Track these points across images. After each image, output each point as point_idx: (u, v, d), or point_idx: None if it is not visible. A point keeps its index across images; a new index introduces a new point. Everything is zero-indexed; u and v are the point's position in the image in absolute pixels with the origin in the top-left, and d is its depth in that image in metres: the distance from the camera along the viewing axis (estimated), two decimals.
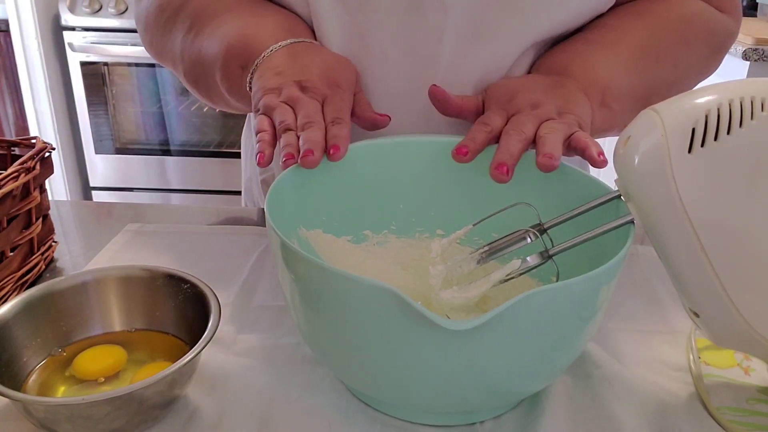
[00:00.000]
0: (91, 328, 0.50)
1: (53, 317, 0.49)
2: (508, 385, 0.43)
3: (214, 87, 0.63)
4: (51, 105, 2.24)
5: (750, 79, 0.40)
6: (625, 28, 0.64)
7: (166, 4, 0.66)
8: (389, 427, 0.46)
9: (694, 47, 0.66)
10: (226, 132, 2.36)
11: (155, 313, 0.51)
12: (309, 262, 0.40)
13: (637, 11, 0.66)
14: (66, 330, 0.49)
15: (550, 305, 0.38)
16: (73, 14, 2.11)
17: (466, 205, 0.56)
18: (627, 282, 0.63)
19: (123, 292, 0.51)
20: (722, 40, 0.68)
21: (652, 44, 0.64)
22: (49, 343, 0.48)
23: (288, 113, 0.51)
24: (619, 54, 0.62)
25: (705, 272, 0.39)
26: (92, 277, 0.51)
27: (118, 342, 0.50)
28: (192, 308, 0.49)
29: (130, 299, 0.51)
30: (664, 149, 0.39)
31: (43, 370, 0.47)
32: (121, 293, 0.51)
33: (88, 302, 0.50)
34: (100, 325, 0.51)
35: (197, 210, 0.79)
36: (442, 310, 0.48)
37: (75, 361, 0.47)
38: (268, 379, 0.49)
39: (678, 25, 0.65)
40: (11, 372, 0.45)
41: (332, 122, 0.50)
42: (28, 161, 0.58)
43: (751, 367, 0.50)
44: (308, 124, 0.49)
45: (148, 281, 0.51)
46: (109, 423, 0.41)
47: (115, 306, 0.51)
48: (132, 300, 0.51)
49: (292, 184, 0.51)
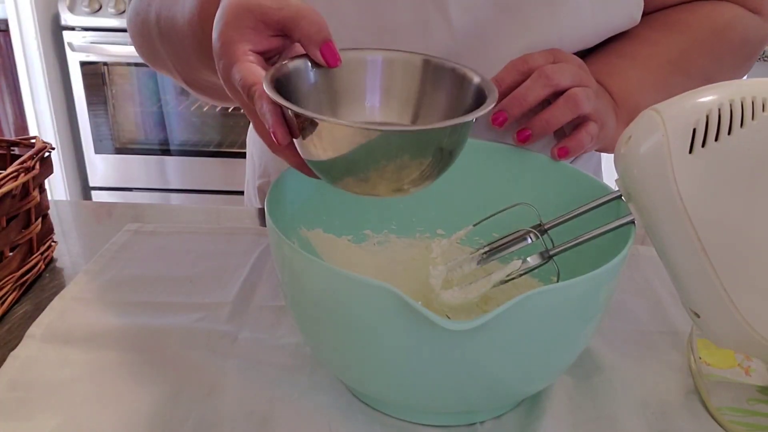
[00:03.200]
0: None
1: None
2: (509, 386, 0.43)
3: (194, 64, 0.59)
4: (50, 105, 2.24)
5: (750, 80, 0.40)
6: (659, 42, 0.63)
7: (140, 7, 0.66)
8: (389, 427, 0.46)
9: (726, 59, 0.65)
10: (226, 132, 2.36)
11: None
12: (309, 261, 0.40)
13: (670, 22, 0.64)
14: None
15: (551, 306, 0.38)
16: (73, 14, 2.11)
17: (467, 205, 0.56)
18: (628, 282, 0.63)
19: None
20: (755, 48, 0.67)
21: (684, 60, 0.63)
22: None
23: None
24: (652, 72, 0.61)
25: (706, 273, 0.39)
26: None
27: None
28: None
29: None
30: (665, 149, 0.39)
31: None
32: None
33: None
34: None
35: (197, 210, 0.79)
36: (443, 311, 0.48)
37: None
38: (268, 379, 0.49)
39: (711, 38, 0.64)
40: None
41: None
42: (28, 161, 0.58)
43: (751, 368, 0.50)
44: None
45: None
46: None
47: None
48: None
49: (293, 183, 0.51)
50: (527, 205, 0.49)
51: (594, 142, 0.54)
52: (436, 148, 0.40)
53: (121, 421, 0.45)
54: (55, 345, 0.52)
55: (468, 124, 0.41)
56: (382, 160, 0.39)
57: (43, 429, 0.44)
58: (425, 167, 0.40)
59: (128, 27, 0.70)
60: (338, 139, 0.39)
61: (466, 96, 0.45)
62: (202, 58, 0.55)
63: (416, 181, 0.42)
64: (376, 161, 0.39)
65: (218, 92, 0.65)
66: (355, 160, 0.39)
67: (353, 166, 0.40)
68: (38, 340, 0.53)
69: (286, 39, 0.44)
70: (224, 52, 0.43)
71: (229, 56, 0.43)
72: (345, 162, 0.40)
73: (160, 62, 0.67)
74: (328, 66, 0.44)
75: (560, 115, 0.52)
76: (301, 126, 0.40)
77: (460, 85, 0.46)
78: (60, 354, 0.51)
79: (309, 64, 0.44)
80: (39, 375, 0.49)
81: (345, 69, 0.45)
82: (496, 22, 0.59)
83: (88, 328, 0.54)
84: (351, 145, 0.39)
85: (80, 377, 0.49)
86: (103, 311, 0.57)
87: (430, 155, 0.40)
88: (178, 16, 0.56)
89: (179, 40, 0.58)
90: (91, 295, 0.59)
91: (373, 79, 0.47)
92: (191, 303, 0.58)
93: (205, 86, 0.64)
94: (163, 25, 0.60)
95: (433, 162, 0.41)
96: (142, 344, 0.53)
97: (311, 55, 0.44)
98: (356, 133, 0.38)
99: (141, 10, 0.65)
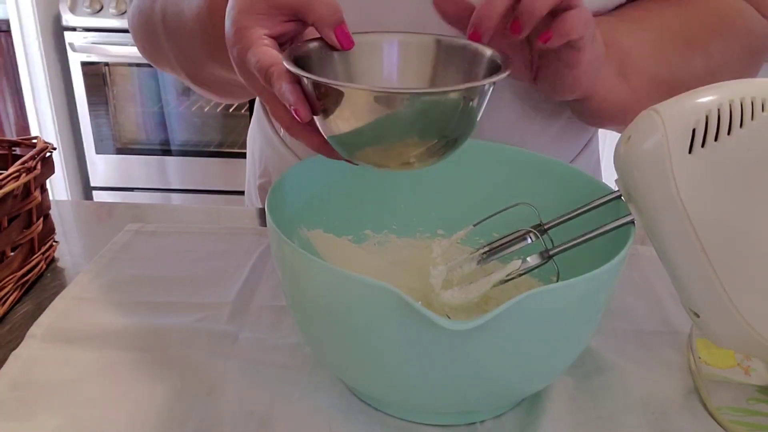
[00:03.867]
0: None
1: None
2: (509, 385, 0.44)
3: (201, 59, 0.60)
4: (52, 105, 2.24)
5: (750, 80, 0.40)
6: (656, 10, 0.61)
7: (143, 4, 0.66)
8: (390, 427, 0.46)
9: (729, 42, 0.63)
10: (226, 132, 2.36)
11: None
12: (310, 261, 0.40)
13: (672, 1, 0.63)
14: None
15: (551, 306, 0.38)
16: (74, 14, 2.11)
17: (467, 205, 0.56)
18: (627, 282, 0.63)
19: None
20: (761, 42, 0.65)
21: (683, 30, 0.61)
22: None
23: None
24: (646, 30, 0.59)
25: (705, 273, 0.40)
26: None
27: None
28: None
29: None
30: (665, 150, 0.39)
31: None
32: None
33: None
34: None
35: (198, 210, 0.79)
36: (443, 311, 0.48)
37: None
38: (268, 379, 0.49)
39: (713, 16, 0.62)
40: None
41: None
42: (29, 161, 0.58)
43: (751, 367, 0.50)
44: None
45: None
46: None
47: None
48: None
49: (293, 183, 0.51)
50: (527, 205, 0.49)
51: (588, 28, 0.48)
52: (454, 110, 0.40)
53: (122, 421, 0.45)
54: (57, 345, 0.52)
55: (485, 90, 0.41)
56: (406, 125, 0.40)
57: (44, 429, 0.44)
58: (447, 131, 0.41)
59: (130, 26, 0.70)
60: (361, 105, 0.40)
61: (479, 69, 0.46)
62: (211, 51, 0.55)
63: (437, 150, 0.42)
64: (399, 127, 0.40)
65: (223, 87, 0.65)
66: (378, 127, 0.40)
67: (376, 134, 0.41)
68: (39, 340, 0.53)
69: (298, 23, 0.45)
70: (239, 38, 0.43)
71: (244, 42, 0.43)
72: (367, 130, 0.40)
73: (164, 60, 0.67)
74: (342, 48, 0.44)
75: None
76: (321, 99, 0.40)
77: (473, 60, 0.46)
78: (61, 354, 0.52)
79: (323, 47, 0.45)
80: (40, 375, 0.49)
81: (358, 51, 0.46)
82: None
83: (89, 328, 0.55)
84: (374, 111, 0.39)
85: (81, 377, 0.49)
86: (104, 311, 0.57)
87: (449, 117, 0.40)
88: (186, 10, 0.56)
89: (186, 35, 0.58)
90: (92, 295, 0.59)
91: (387, 60, 0.48)
92: (192, 303, 0.58)
93: (211, 82, 0.64)
94: (169, 21, 0.60)
95: (455, 125, 0.41)
96: (142, 344, 0.53)
97: (325, 37, 0.44)
98: (379, 97, 0.39)
99: (144, 7, 0.65)
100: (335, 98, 0.39)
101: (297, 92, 0.41)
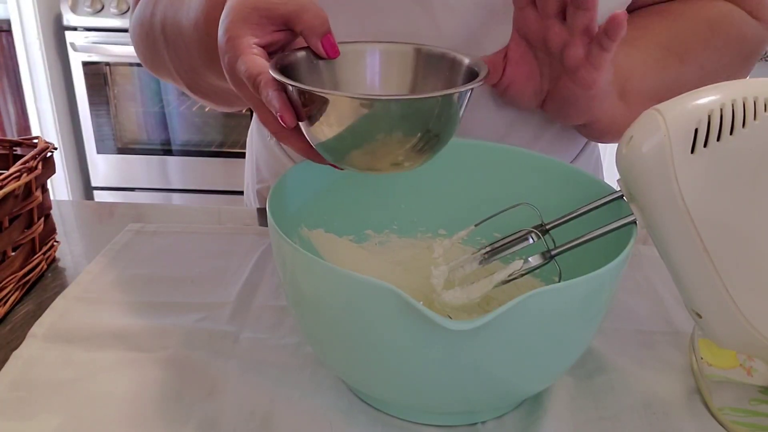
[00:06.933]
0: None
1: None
2: (510, 386, 0.43)
3: (199, 69, 0.60)
4: (53, 105, 2.24)
5: (752, 79, 0.40)
6: (648, 27, 0.62)
7: (143, 16, 0.66)
8: (391, 427, 0.46)
9: (722, 51, 0.63)
10: (227, 132, 2.36)
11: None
12: (311, 261, 0.40)
13: (660, 11, 0.64)
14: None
15: (553, 306, 0.38)
16: (75, 14, 2.11)
17: (469, 205, 0.56)
18: (629, 283, 0.63)
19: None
20: (753, 47, 0.65)
21: (676, 44, 0.61)
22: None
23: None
24: (641, 50, 0.60)
25: (707, 273, 0.39)
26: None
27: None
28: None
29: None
30: (667, 150, 0.38)
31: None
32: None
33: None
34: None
35: (198, 210, 0.79)
36: (444, 311, 0.48)
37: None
38: (269, 379, 0.49)
39: (704, 27, 0.63)
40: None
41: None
42: (30, 161, 0.58)
43: (753, 368, 0.50)
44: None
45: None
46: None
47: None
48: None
49: (294, 183, 0.51)
50: (529, 205, 0.49)
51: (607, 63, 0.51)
52: (433, 115, 0.42)
53: (122, 421, 0.45)
54: (58, 345, 0.52)
55: (463, 95, 0.43)
56: (386, 130, 0.41)
57: (44, 429, 0.44)
58: (424, 134, 0.43)
59: (132, 38, 0.71)
60: (343, 112, 0.41)
61: (458, 77, 0.48)
62: (207, 61, 0.56)
63: (417, 151, 0.44)
64: (380, 131, 0.41)
65: (221, 96, 0.66)
66: (360, 131, 0.42)
67: (358, 139, 0.42)
68: (40, 340, 0.53)
69: (288, 33, 0.46)
70: (230, 46, 0.45)
71: (234, 50, 0.44)
72: (350, 135, 0.42)
73: (164, 69, 0.67)
74: (328, 57, 0.46)
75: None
76: (306, 105, 0.42)
77: (452, 68, 0.48)
78: (62, 354, 0.51)
79: (309, 56, 0.47)
80: (41, 375, 0.49)
81: (343, 60, 0.48)
82: (485, 26, 0.58)
83: (90, 328, 0.54)
84: (356, 117, 0.41)
85: (82, 377, 0.49)
86: (105, 311, 0.57)
87: (429, 123, 0.42)
88: (184, 21, 0.57)
89: (184, 44, 0.58)
90: (93, 295, 0.59)
91: (371, 69, 0.50)
92: (193, 303, 0.58)
93: (209, 91, 0.65)
94: (168, 31, 0.61)
95: (434, 128, 0.43)
96: (143, 344, 0.53)
97: (312, 46, 0.46)
98: (360, 104, 0.41)
99: (145, 18, 0.65)
100: (319, 105, 0.41)
101: (282, 99, 0.42)
